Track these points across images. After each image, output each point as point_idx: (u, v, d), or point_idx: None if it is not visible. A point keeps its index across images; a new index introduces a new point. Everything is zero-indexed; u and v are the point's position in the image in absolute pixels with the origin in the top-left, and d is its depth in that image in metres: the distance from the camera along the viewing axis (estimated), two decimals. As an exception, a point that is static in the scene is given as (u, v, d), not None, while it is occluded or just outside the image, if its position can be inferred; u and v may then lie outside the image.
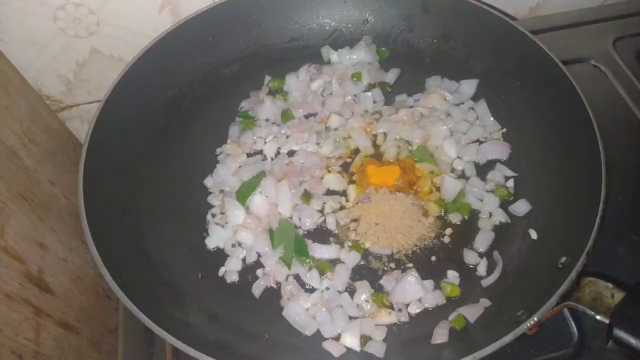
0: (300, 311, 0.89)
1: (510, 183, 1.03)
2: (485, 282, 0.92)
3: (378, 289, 0.93)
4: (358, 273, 0.95)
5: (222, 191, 1.05)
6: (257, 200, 1.01)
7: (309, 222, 1.00)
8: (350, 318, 0.89)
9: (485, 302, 0.88)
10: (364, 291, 0.91)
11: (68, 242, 1.11)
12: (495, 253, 0.94)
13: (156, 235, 0.98)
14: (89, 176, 0.92)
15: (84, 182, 0.90)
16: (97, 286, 1.19)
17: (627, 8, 1.38)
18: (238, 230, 0.98)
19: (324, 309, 0.89)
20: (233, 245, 0.98)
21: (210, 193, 1.05)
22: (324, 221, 1.00)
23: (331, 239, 0.99)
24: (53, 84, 1.24)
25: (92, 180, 0.92)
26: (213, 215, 1.02)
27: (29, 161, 1.06)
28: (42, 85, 1.24)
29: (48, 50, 1.17)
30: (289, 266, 0.93)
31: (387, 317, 0.89)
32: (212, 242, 0.99)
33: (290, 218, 1.01)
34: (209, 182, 1.06)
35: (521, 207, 0.99)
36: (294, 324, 0.88)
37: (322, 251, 0.96)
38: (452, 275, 0.93)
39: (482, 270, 0.94)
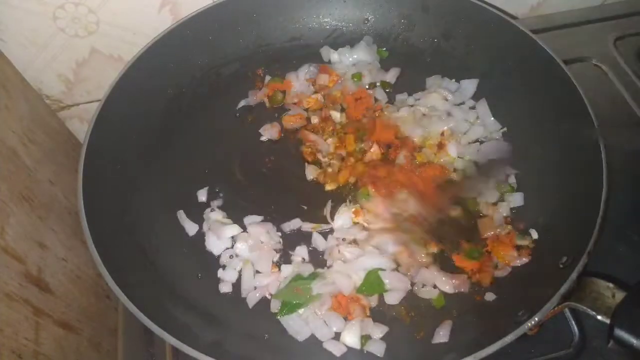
0: (293, 316, 0.88)
1: (512, 180, 1.03)
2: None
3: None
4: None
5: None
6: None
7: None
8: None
9: (490, 296, 0.89)
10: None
11: (68, 241, 1.11)
12: None
13: (156, 235, 0.98)
14: (89, 176, 0.91)
15: (83, 182, 0.90)
16: (97, 286, 1.19)
17: (628, 7, 1.37)
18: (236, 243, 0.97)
19: (318, 313, 0.88)
20: (230, 257, 0.97)
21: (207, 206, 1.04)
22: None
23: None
24: (53, 83, 1.24)
25: (92, 180, 0.92)
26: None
27: (28, 161, 1.05)
28: (41, 85, 1.24)
29: (48, 50, 1.17)
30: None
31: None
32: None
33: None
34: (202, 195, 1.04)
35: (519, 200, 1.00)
36: (287, 329, 0.88)
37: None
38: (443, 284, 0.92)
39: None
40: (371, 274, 0.91)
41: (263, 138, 1.13)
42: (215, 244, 0.97)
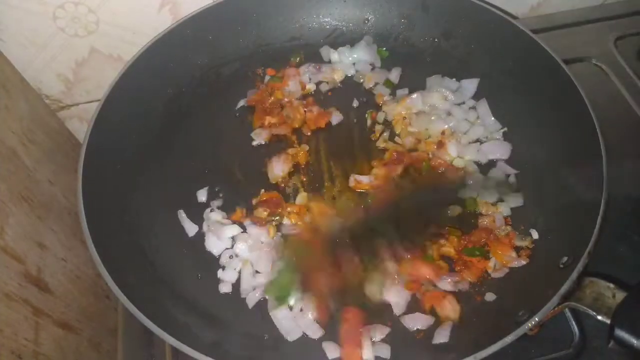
0: (286, 315, 0.88)
1: (512, 179, 1.03)
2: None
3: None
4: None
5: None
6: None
7: None
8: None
9: (490, 297, 0.89)
10: None
11: (67, 241, 1.11)
12: None
13: (155, 235, 0.97)
14: (88, 176, 0.91)
15: (83, 182, 0.90)
16: (97, 286, 1.19)
17: (628, 7, 1.37)
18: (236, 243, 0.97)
19: (309, 314, 0.88)
20: (230, 257, 0.97)
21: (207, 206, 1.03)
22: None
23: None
24: (52, 83, 1.24)
25: (92, 180, 0.92)
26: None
27: (28, 161, 1.05)
28: (41, 85, 1.23)
29: (47, 50, 1.17)
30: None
31: None
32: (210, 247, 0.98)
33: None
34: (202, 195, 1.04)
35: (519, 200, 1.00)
36: (279, 328, 0.87)
37: None
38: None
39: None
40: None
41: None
42: (215, 244, 0.97)
